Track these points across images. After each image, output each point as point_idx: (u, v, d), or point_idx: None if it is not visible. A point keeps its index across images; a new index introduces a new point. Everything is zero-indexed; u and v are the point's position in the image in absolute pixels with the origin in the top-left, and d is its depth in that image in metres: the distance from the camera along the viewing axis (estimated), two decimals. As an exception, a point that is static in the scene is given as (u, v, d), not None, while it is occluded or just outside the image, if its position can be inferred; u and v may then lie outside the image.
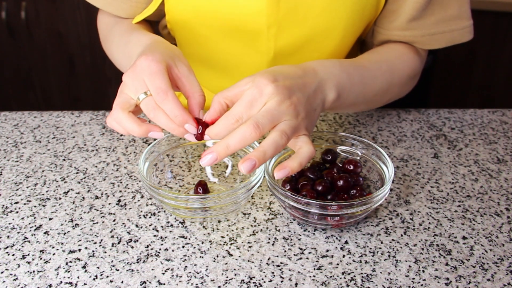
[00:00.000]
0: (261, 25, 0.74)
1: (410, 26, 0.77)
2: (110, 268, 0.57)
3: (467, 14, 0.78)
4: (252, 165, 0.53)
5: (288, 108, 0.55)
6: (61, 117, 0.87)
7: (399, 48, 0.79)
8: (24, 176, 0.72)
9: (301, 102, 0.57)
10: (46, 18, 1.85)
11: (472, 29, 0.79)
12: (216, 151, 0.53)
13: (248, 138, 0.53)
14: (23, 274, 0.56)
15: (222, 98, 0.57)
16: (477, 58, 1.81)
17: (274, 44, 0.77)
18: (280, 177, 0.55)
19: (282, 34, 0.76)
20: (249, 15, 0.73)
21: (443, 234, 0.63)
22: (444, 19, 0.76)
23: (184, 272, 0.57)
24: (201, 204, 0.60)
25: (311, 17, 0.74)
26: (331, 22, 0.75)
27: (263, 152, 0.53)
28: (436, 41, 0.78)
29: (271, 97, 0.55)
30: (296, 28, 0.75)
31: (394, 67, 0.76)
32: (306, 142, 0.57)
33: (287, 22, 0.75)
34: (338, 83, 0.64)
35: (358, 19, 0.76)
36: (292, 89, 0.56)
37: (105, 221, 0.64)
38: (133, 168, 0.74)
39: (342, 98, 0.65)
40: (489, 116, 0.90)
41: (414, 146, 0.80)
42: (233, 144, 0.53)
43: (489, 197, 0.69)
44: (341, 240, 0.61)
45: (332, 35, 0.77)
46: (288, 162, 0.56)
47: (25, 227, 0.63)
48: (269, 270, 0.57)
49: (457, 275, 0.57)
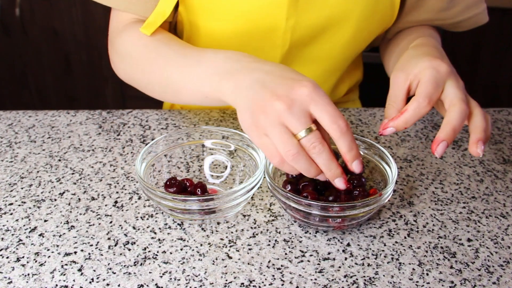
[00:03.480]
0: (281, 17, 0.74)
1: (439, 16, 0.81)
2: (107, 271, 0.57)
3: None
4: (445, 146, 0.58)
5: (460, 82, 0.63)
6: (57, 116, 0.87)
7: (428, 29, 0.83)
8: (18, 176, 0.72)
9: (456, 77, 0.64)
10: (41, 15, 1.85)
11: (487, 11, 0.85)
12: (446, 138, 0.58)
13: (464, 117, 0.59)
14: (18, 277, 0.56)
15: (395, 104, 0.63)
16: (483, 56, 1.81)
17: (290, 36, 0.77)
18: (440, 153, 0.59)
19: (299, 25, 0.77)
20: (269, 8, 0.73)
21: (447, 236, 0.63)
22: (469, 5, 0.81)
23: (183, 275, 0.57)
24: (200, 205, 0.60)
25: (328, 6, 0.76)
26: (346, 13, 0.77)
27: (453, 130, 0.59)
28: (462, 27, 0.85)
29: (448, 78, 0.61)
30: (313, 18, 0.77)
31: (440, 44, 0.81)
32: (475, 105, 0.63)
33: (304, 13, 0.75)
34: None
35: (371, 13, 0.78)
36: (451, 69, 0.63)
37: (101, 223, 0.64)
38: (130, 169, 0.74)
39: None
40: (495, 115, 0.90)
41: (418, 146, 0.80)
42: (458, 126, 0.59)
43: (494, 199, 0.69)
44: (343, 243, 0.61)
45: (346, 27, 0.78)
46: (452, 121, 0.59)
47: (20, 229, 0.63)
48: (270, 273, 0.57)
49: (462, 278, 0.57)
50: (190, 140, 0.72)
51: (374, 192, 0.64)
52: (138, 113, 0.87)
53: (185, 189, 0.66)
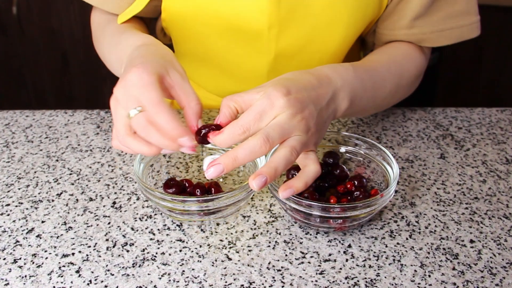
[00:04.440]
0: (262, 26, 0.74)
1: (416, 23, 0.77)
2: (105, 272, 0.57)
3: (475, 9, 0.78)
4: (263, 181, 0.53)
5: (299, 123, 0.55)
6: (54, 116, 0.87)
7: (404, 47, 0.79)
8: (15, 177, 0.72)
9: (313, 116, 0.57)
10: (39, 14, 1.85)
11: (479, 25, 0.80)
12: (223, 163, 0.53)
13: (257, 152, 0.53)
14: (15, 279, 0.56)
15: (232, 102, 0.56)
16: (485, 55, 1.81)
17: (275, 45, 0.77)
18: (285, 197, 0.56)
19: (283, 35, 0.76)
20: (250, 15, 0.74)
21: (450, 237, 0.63)
22: (452, 14, 0.77)
23: (182, 277, 0.57)
24: (199, 206, 0.60)
25: (312, 16, 0.74)
26: (332, 21, 0.75)
27: (274, 169, 0.53)
28: (445, 38, 0.79)
29: (283, 111, 0.54)
30: (297, 28, 0.76)
31: (403, 68, 0.76)
32: (313, 160, 0.58)
33: (288, 22, 0.75)
34: (351, 90, 0.63)
35: (360, 18, 0.77)
36: (305, 103, 0.56)
37: (99, 224, 0.64)
38: (129, 169, 0.74)
39: (354, 106, 0.65)
40: (498, 115, 0.90)
41: (420, 146, 0.80)
42: (241, 157, 0.53)
43: (497, 199, 0.69)
44: (344, 244, 0.61)
45: (334, 35, 0.77)
46: (293, 181, 0.56)
47: (17, 230, 0.63)
48: (270, 274, 0.57)
49: (464, 280, 0.57)
50: (189, 140, 0.72)
51: (375, 193, 0.64)
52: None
53: (184, 189, 0.66)
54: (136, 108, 0.54)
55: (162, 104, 0.53)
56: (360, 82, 0.65)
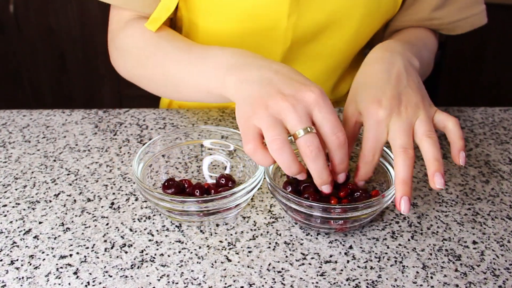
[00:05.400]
0: (282, 15, 0.74)
1: (435, 15, 0.81)
2: (103, 274, 0.57)
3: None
4: (441, 175, 0.56)
5: (408, 112, 0.58)
6: (52, 115, 0.87)
7: (424, 30, 0.83)
8: (12, 177, 0.72)
9: (409, 94, 0.60)
10: (36, 12, 1.85)
11: (485, 12, 0.84)
12: (405, 193, 0.56)
13: (411, 164, 0.56)
14: (12, 281, 0.56)
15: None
16: (488, 53, 1.81)
17: (292, 33, 0.77)
18: (441, 184, 0.57)
19: (301, 22, 0.76)
20: (271, 5, 0.73)
21: (452, 238, 0.63)
22: (467, 4, 0.81)
23: (181, 279, 0.57)
24: (198, 207, 0.60)
25: (330, 1, 0.76)
26: (347, 10, 0.77)
27: (438, 160, 0.56)
28: (460, 28, 0.83)
29: (390, 118, 0.58)
30: (315, 15, 0.76)
31: (429, 47, 0.80)
32: (445, 116, 0.61)
33: (306, 9, 0.75)
34: (409, 50, 0.67)
35: (375, 8, 0.78)
36: (395, 94, 0.59)
37: (97, 225, 0.64)
38: (127, 170, 0.74)
39: (421, 64, 0.69)
40: (501, 114, 0.89)
41: (422, 146, 0.80)
42: (407, 177, 0.56)
43: (500, 200, 0.69)
44: (345, 245, 0.61)
45: (348, 23, 0.78)
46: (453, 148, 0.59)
47: (14, 231, 0.63)
48: (270, 276, 0.57)
49: (467, 281, 0.57)
50: (188, 140, 0.72)
51: (376, 194, 0.64)
52: (135, 112, 0.87)
53: (183, 190, 0.66)
54: (306, 129, 0.53)
55: (346, 143, 0.56)
56: (409, 49, 0.68)
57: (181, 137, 0.71)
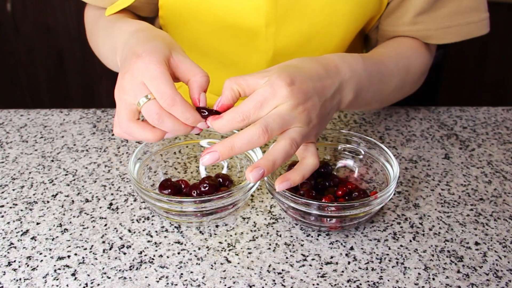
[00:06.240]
0: (259, 24, 0.74)
1: (420, 20, 0.77)
2: (101, 275, 0.57)
3: (484, 6, 0.78)
4: (261, 174, 0.53)
5: (301, 114, 0.55)
6: (49, 115, 0.87)
7: (411, 42, 0.79)
8: (10, 178, 0.72)
9: (316, 107, 0.57)
10: (34, 11, 1.85)
11: (488, 22, 0.79)
12: (219, 151, 0.53)
13: (255, 142, 0.53)
14: (9, 282, 0.56)
15: (235, 85, 0.56)
16: (491, 53, 1.80)
17: (273, 43, 0.77)
18: (281, 189, 0.56)
19: (281, 33, 0.76)
20: (246, 13, 0.74)
21: (454, 239, 0.63)
22: (459, 11, 0.76)
23: (180, 280, 0.57)
24: (196, 207, 0.60)
25: (311, 13, 0.74)
26: (332, 19, 0.75)
27: (272, 161, 0.53)
28: (451, 35, 0.78)
29: (285, 101, 0.54)
30: (296, 26, 0.76)
31: (410, 63, 0.76)
32: (312, 153, 0.58)
33: (285, 20, 0.75)
34: (358, 82, 0.63)
35: (361, 14, 0.77)
36: (309, 94, 0.56)
37: (95, 225, 0.64)
38: (126, 170, 0.74)
39: (359, 98, 0.65)
40: (503, 114, 0.89)
41: (424, 146, 0.80)
42: (238, 146, 0.53)
43: (503, 200, 0.69)
44: (346, 246, 0.61)
45: (334, 33, 0.77)
46: (290, 174, 0.57)
47: (11, 232, 0.63)
48: (270, 277, 0.57)
49: (469, 283, 0.57)
50: (187, 140, 0.72)
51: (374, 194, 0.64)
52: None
53: (180, 190, 0.66)
54: (146, 96, 0.54)
55: (176, 96, 0.53)
56: (368, 75, 0.65)
57: (179, 136, 0.71)
